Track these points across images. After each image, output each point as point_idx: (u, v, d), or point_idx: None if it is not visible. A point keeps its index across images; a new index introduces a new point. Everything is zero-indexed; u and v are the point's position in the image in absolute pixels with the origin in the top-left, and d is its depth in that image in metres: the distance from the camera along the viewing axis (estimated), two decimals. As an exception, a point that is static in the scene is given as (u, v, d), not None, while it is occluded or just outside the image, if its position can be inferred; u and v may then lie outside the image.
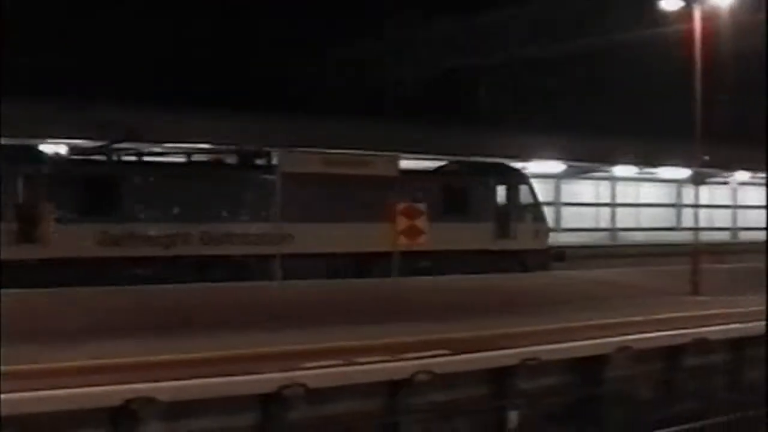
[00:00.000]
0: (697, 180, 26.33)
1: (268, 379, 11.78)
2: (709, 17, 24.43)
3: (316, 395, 12.09)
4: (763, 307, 19.63)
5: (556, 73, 49.86)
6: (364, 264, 27.98)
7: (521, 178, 33.89)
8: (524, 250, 31.94)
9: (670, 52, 30.55)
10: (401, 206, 25.00)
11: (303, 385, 11.85)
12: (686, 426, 14.40)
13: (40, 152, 27.35)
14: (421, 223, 24.88)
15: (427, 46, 46.47)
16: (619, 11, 37.90)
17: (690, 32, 24.13)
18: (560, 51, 41.28)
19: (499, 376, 14.04)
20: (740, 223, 54.56)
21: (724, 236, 51.22)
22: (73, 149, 28.57)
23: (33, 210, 24.46)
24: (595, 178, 50.46)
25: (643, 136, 43.51)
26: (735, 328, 17.58)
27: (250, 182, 27.90)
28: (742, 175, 50.48)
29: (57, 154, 27.88)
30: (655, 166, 44.30)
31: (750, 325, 17.83)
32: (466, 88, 49.52)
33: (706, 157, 25.12)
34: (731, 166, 47.60)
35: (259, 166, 28.09)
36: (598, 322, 16.98)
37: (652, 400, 16.14)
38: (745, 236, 53.00)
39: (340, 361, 12.68)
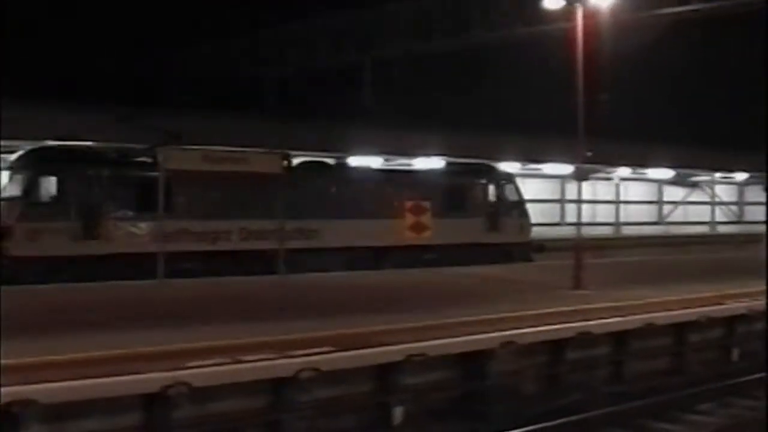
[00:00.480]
0: (580, 176, 26.78)
1: (151, 379, 11.67)
2: (591, 15, 24.82)
3: (200, 394, 12.03)
4: (643, 301, 20.20)
5: (439, 69, 50.35)
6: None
7: (508, 177, 37.24)
8: (510, 242, 35.08)
9: (553, 49, 31.11)
10: (409, 204, 30.97)
11: (187, 384, 11.78)
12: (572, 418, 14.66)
13: (99, 155, 29.07)
14: (426, 219, 30.97)
15: (310, 41, 46.49)
16: (502, 8, 38.40)
17: (572, 30, 24.44)
18: (444, 47, 41.64)
19: (385, 372, 14.14)
20: (622, 219, 55.64)
21: (606, 231, 52.18)
22: (123, 152, 29.71)
23: (94, 209, 26.76)
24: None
25: (528, 133, 44.16)
26: (616, 322, 17.94)
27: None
28: (624, 171, 51.49)
29: (114, 157, 29.24)
30: (538, 162, 44.93)
31: (630, 318, 18.25)
32: (347, 83, 49.69)
33: (589, 153, 25.59)
34: (614, 162, 48.55)
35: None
36: (485, 317, 17.16)
37: (536, 394, 16.42)
38: (627, 231, 54.15)
39: (227, 359, 12.63)
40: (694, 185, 58.33)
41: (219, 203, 29.08)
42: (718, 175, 57.31)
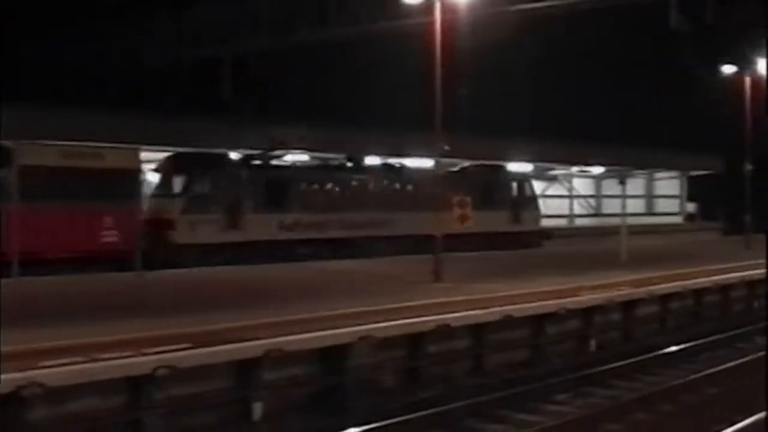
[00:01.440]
0: (438, 170, 27.19)
1: (4, 380, 11.48)
2: (449, 11, 25.12)
3: (55, 394, 11.89)
4: (500, 294, 20.61)
5: (299, 63, 50.31)
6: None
7: (524, 177, 45.21)
8: (527, 231, 42.49)
9: (413, 44, 31.37)
10: (456, 199, 38.36)
11: (41, 385, 11.62)
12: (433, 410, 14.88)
13: (232, 159, 35.37)
14: (469, 211, 39.03)
15: (169, 34, 45.93)
16: (363, 2, 38.50)
17: (431, 25, 24.67)
18: (305, 41, 41.59)
19: (244, 368, 14.18)
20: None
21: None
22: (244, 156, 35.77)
23: (235, 204, 32.52)
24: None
25: (390, 128, 44.44)
26: (474, 315, 18.27)
27: None
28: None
29: (243, 160, 35.22)
30: (400, 156, 45.25)
31: (488, 311, 18.60)
32: (207, 77, 49.27)
33: (447, 148, 25.95)
34: (473, 157, 49.21)
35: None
36: (344, 312, 17.31)
37: (397, 387, 16.63)
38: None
39: (82, 358, 12.50)
40: (553, 179, 59.51)
41: (328, 199, 36.48)
42: (575, 168, 58.55)
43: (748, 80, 39.47)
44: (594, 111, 60.06)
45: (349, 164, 39.04)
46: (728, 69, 40.24)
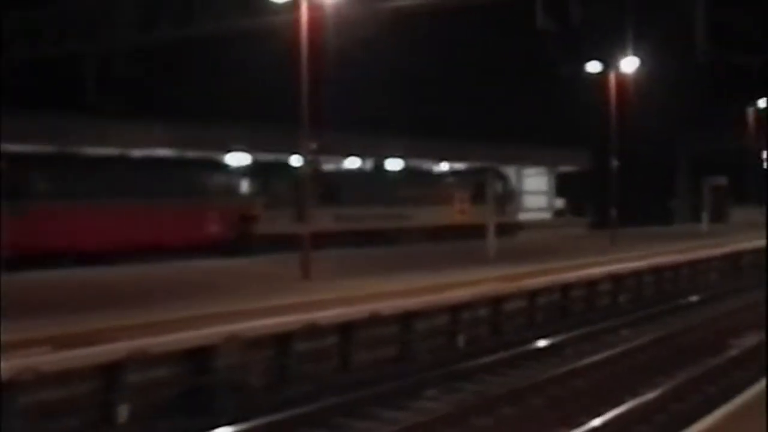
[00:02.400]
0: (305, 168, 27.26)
1: None
2: (316, 8, 25.13)
3: None
4: (370, 291, 20.75)
5: (164, 60, 49.81)
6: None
7: (505, 176, 53.90)
8: (509, 222, 48.22)
9: (280, 41, 31.32)
10: (457, 194, 48.48)
11: None
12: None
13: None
14: (467, 206, 47.83)
15: (34, 29, 45.02)
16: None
17: (297, 23, 24.65)
18: (169, 38, 41.19)
19: (109, 370, 14.03)
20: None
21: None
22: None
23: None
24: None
25: (258, 125, 44.43)
26: (342, 313, 18.36)
27: None
28: (353, 161, 52.44)
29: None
30: (271, 153, 45.29)
31: (356, 309, 18.72)
32: (68, 74, 48.48)
33: (314, 145, 25.98)
34: (342, 154, 49.47)
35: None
36: (210, 312, 17.26)
37: (265, 387, 16.64)
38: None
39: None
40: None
41: (368, 194, 44.43)
42: (444, 165, 59.12)
43: (612, 78, 40.39)
44: (462, 108, 60.77)
45: (380, 168, 49.92)
46: (594, 67, 41.09)
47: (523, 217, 58.81)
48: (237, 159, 42.81)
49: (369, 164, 51.30)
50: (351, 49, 36.48)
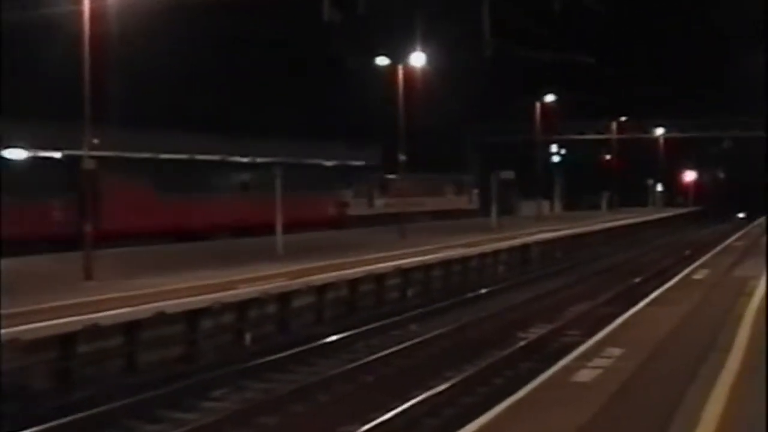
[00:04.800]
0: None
1: None
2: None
3: None
4: (154, 289, 20.76)
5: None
6: None
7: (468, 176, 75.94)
8: (471, 208, 71.26)
9: (62, 33, 30.78)
10: (447, 188, 71.93)
11: None
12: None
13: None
14: (453, 196, 72.78)
15: None
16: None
17: (80, 14, 24.28)
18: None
19: None
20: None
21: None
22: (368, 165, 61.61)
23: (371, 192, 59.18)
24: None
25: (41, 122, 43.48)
26: (125, 312, 18.33)
27: None
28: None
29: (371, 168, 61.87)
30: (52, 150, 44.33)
31: (140, 308, 18.72)
32: None
33: (96, 141, 25.69)
34: (126, 150, 48.88)
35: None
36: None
37: (48, 391, 16.46)
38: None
39: None
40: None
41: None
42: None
43: (401, 72, 41.19)
44: (251, 104, 60.66)
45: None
46: (382, 61, 41.85)
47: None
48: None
49: None
50: (136, 42, 36.14)
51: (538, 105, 65.65)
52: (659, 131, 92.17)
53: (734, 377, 12.72)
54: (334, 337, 22.14)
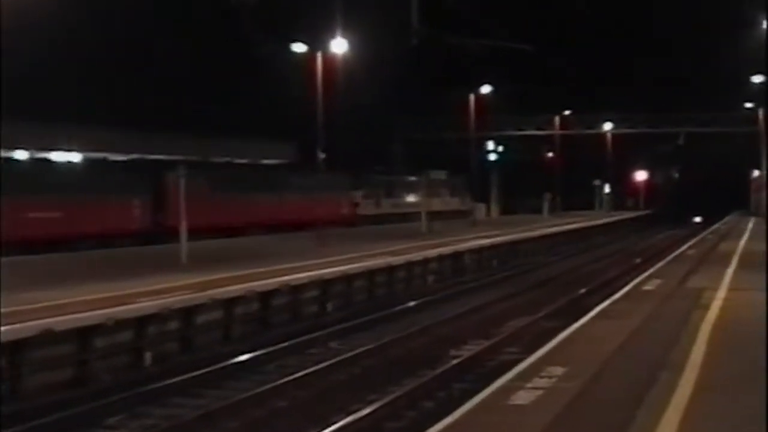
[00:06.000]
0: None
1: None
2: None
3: None
4: (40, 304, 20.43)
5: None
6: None
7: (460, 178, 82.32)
8: (463, 209, 76.31)
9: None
10: (440, 190, 78.19)
11: None
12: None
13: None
14: (447, 197, 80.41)
15: None
16: None
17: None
18: None
19: None
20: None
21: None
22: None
23: (378, 194, 71.46)
24: None
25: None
26: (6, 330, 17.96)
27: None
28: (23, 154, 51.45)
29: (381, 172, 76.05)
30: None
31: (24, 325, 18.38)
32: None
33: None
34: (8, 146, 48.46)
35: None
36: None
37: None
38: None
39: None
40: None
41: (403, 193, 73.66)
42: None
43: (319, 60, 41.12)
44: (157, 98, 60.28)
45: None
46: (298, 48, 41.77)
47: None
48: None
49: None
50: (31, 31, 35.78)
51: (472, 97, 65.98)
52: (607, 126, 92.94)
53: (687, 400, 12.76)
54: (243, 357, 21.97)
